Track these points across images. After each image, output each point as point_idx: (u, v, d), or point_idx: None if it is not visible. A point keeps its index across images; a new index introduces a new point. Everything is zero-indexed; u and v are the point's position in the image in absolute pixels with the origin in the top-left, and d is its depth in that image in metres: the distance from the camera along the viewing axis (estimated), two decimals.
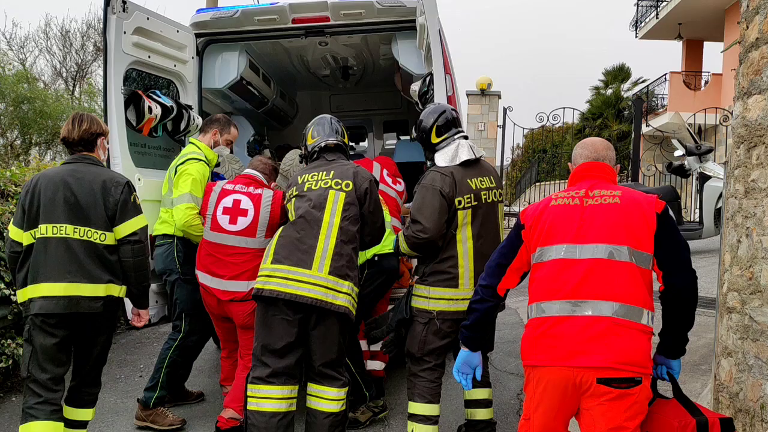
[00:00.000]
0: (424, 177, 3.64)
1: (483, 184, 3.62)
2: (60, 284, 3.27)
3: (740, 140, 3.49)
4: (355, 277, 3.59)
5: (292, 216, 3.65)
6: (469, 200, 3.53)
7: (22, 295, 3.35)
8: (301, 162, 4.12)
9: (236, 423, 3.97)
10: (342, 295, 3.47)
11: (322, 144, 3.86)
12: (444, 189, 3.49)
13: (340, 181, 3.65)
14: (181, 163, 4.32)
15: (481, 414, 3.72)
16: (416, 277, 3.76)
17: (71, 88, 16.99)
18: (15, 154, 12.01)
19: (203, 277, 4.10)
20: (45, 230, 3.33)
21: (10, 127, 12.18)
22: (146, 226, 3.53)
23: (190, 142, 4.61)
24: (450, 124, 3.73)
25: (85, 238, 3.33)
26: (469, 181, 3.56)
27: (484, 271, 2.89)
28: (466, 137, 3.77)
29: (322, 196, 3.60)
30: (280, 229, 3.67)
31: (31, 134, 12.20)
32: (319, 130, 3.91)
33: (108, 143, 3.85)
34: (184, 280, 4.31)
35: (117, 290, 3.41)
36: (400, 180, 5.15)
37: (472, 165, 3.65)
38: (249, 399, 3.48)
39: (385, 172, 4.91)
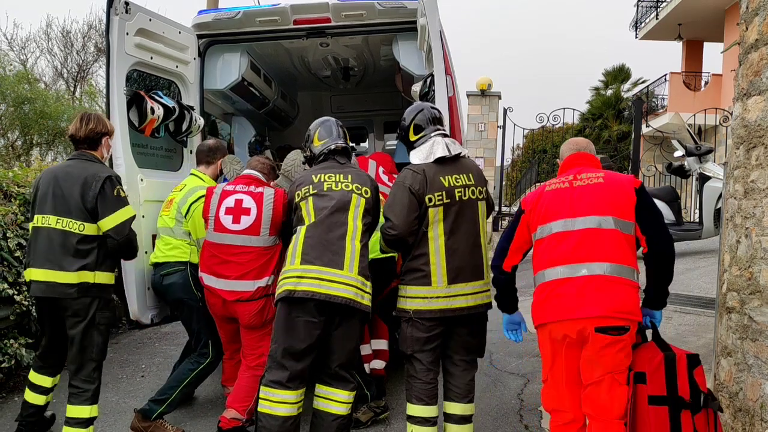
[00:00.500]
0: (399, 175, 3.71)
1: (458, 182, 3.59)
2: (41, 270, 3.65)
3: (740, 141, 3.50)
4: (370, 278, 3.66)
5: (309, 215, 3.62)
6: (440, 197, 3.53)
7: (26, 276, 3.80)
8: (304, 164, 4.13)
9: (238, 423, 3.98)
10: (367, 295, 3.55)
11: (332, 146, 3.89)
12: (414, 186, 3.52)
13: (360, 187, 3.71)
14: (194, 201, 4.34)
15: (452, 429, 3.62)
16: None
17: (72, 88, 17.01)
18: (16, 155, 12.02)
19: (208, 279, 4.09)
20: (36, 220, 3.72)
21: (11, 128, 12.18)
22: (128, 218, 3.75)
23: (194, 174, 4.60)
24: (427, 122, 3.75)
25: (65, 228, 3.64)
26: (441, 178, 3.56)
27: (494, 253, 3.39)
28: (445, 135, 3.77)
29: (346, 197, 3.64)
30: (303, 229, 3.60)
31: (32, 135, 12.21)
32: (326, 133, 3.95)
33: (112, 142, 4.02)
34: (205, 308, 4.28)
35: (91, 276, 3.64)
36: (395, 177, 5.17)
37: (449, 162, 3.63)
38: (262, 401, 3.45)
39: (380, 169, 4.92)
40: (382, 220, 3.73)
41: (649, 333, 3.24)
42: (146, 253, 4.52)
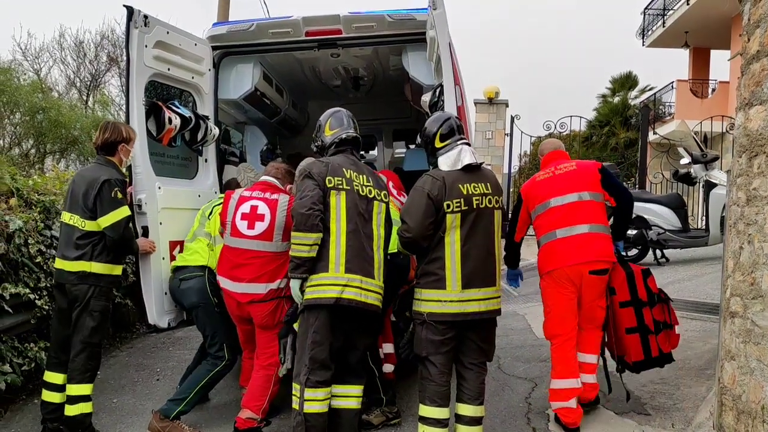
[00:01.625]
0: (418, 180, 3.82)
1: (477, 190, 3.72)
2: (57, 259, 4.18)
3: (742, 150, 3.59)
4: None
5: (341, 214, 3.68)
6: (458, 204, 3.64)
7: None
8: (316, 152, 4.14)
9: (254, 423, 4.08)
10: (381, 297, 3.79)
11: (343, 135, 3.98)
12: (432, 192, 3.64)
13: (379, 192, 3.88)
14: (217, 204, 4.66)
15: (463, 431, 3.73)
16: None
17: (85, 97, 17.22)
18: (30, 163, 12.20)
19: (224, 282, 4.22)
20: (61, 216, 4.23)
21: (25, 137, 12.37)
22: (123, 218, 4.11)
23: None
24: (453, 131, 3.88)
25: (71, 222, 4.11)
26: (460, 186, 3.68)
27: (507, 230, 4.31)
28: (468, 144, 3.91)
29: (370, 206, 3.80)
30: (343, 235, 3.65)
31: (46, 143, 12.38)
32: (337, 123, 4.04)
33: (132, 149, 4.34)
34: (222, 312, 4.43)
35: (88, 266, 4.07)
36: (404, 193, 5.27)
37: (470, 171, 3.76)
38: (309, 403, 3.57)
39: (391, 184, 5.05)
40: (396, 215, 3.88)
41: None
42: (163, 258, 4.65)
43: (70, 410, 4.07)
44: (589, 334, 4.24)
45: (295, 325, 3.80)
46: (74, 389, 4.08)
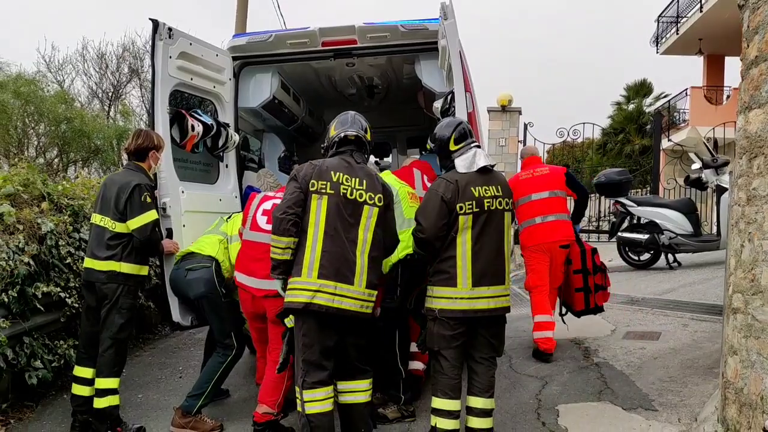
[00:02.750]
0: (433, 183, 4.00)
1: (488, 193, 3.87)
2: (87, 258, 4.39)
3: (742, 151, 3.72)
4: (379, 284, 3.91)
5: (320, 218, 3.69)
6: (470, 206, 3.80)
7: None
8: (323, 154, 4.18)
9: (270, 417, 4.25)
10: (371, 304, 3.81)
11: (342, 135, 3.95)
12: (446, 195, 3.80)
13: (373, 195, 3.81)
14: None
15: (474, 422, 3.87)
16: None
17: (107, 108, 17.62)
18: (54, 172, 12.52)
19: (240, 277, 4.39)
20: (92, 218, 4.47)
21: (49, 147, 12.70)
22: (151, 221, 4.33)
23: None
24: (466, 135, 4.05)
25: (102, 224, 4.34)
26: (473, 189, 3.83)
27: None
28: (479, 146, 4.08)
29: (358, 210, 3.76)
30: (319, 240, 3.68)
31: (69, 152, 12.71)
32: (341, 123, 4.04)
33: (161, 156, 4.56)
34: (228, 302, 4.61)
35: (117, 266, 4.29)
36: None
37: (482, 173, 3.91)
38: (309, 404, 3.63)
39: (425, 177, 5.17)
40: (410, 214, 3.98)
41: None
42: None
43: (99, 403, 4.28)
44: (551, 296, 5.91)
45: (287, 321, 3.88)
46: (103, 383, 4.29)
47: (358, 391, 3.90)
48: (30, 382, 4.67)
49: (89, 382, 4.39)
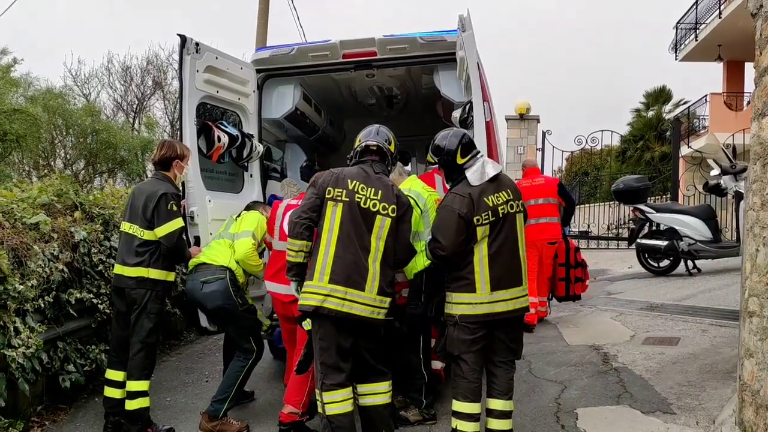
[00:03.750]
0: (445, 198, 4.04)
1: (500, 199, 3.94)
2: (117, 265, 4.56)
3: (756, 157, 3.78)
4: (392, 291, 3.98)
5: (334, 225, 3.80)
6: (486, 217, 3.87)
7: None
8: (348, 162, 4.29)
9: (295, 417, 4.37)
10: (383, 310, 3.90)
11: (363, 145, 4.11)
12: (462, 211, 3.84)
13: (387, 206, 3.90)
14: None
15: (493, 424, 3.96)
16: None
17: (131, 120, 18.02)
18: (80, 183, 12.82)
19: (269, 285, 4.57)
20: (122, 226, 4.62)
21: (76, 159, 13.02)
22: (177, 229, 4.47)
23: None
24: (472, 145, 4.12)
25: (131, 232, 4.49)
26: (485, 199, 3.90)
27: None
28: (482, 155, 4.15)
29: (371, 219, 3.86)
30: (332, 245, 3.79)
31: (97, 164, 13.02)
32: (366, 134, 4.18)
33: (186, 165, 4.69)
34: (245, 310, 4.73)
35: (145, 272, 4.43)
36: None
37: (492, 181, 3.98)
38: (329, 405, 3.74)
39: (445, 181, 5.29)
40: (419, 226, 4.07)
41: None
42: None
43: (131, 405, 4.43)
44: (540, 283, 7.33)
45: (304, 324, 4.03)
46: (133, 385, 4.45)
47: (377, 393, 4.00)
48: (63, 385, 4.85)
49: (121, 385, 4.54)
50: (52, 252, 4.73)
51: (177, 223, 4.47)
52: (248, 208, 5.16)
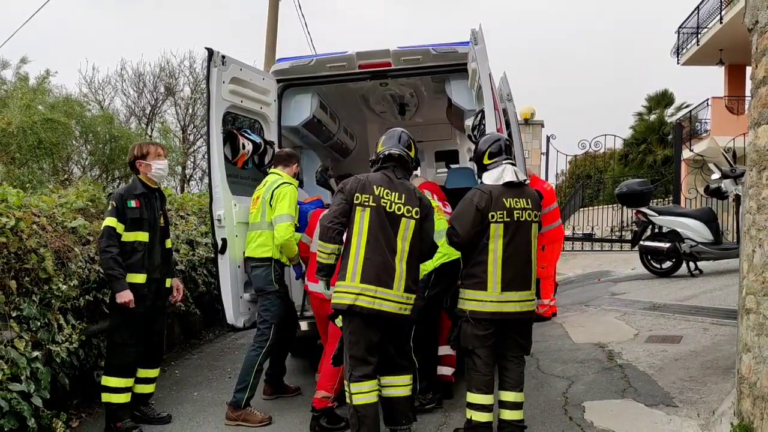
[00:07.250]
0: (468, 192, 4.38)
1: (518, 204, 4.24)
2: None
3: (753, 164, 4.04)
4: (416, 288, 4.30)
5: (363, 228, 4.11)
6: (501, 216, 4.18)
7: None
8: (371, 167, 4.51)
9: (328, 402, 4.63)
10: (409, 306, 4.22)
11: (387, 152, 4.38)
12: (480, 204, 4.19)
13: (411, 209, 4.21)
14: (276, 188, 5.07)
15: (506, 414, 4.24)
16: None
17: (144, 126, 18.29)
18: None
19: (312, 286, 4.92)
20: None
21: (95, 165, 13.27)
22: (101, 229, 4.63)
23: (273, 173, 5.31)
24: (501, 151, 4.41)
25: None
26: (504, 199, 4.22)
27: None
28: (512, 163, 4.43)
29: (397, 222, 4.17)
30: (362, 248, 4.10)
31: (113, 170, 13.28)
32: (388, 139, 4.47)
33: (152, 162, 4.87)
34: (279, 297, 5.07)
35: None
36: (447, 203, 5.77)
37: (514, 187, 4.29)
38: (356, 396, 4.03)
39: (435, 197, 5.55)
40: (440, 226, 4.39)
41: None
42: (238, 267, 5.29)
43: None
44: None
45: (336, 321, 4.34)
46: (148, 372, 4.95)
47: (398, 385, 4.29)
48: (98, 380, 5.11)
49: (151, 381, 4.92)
50: (89, 254, 5.00)
51: (105, 221, 4.62)
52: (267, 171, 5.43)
